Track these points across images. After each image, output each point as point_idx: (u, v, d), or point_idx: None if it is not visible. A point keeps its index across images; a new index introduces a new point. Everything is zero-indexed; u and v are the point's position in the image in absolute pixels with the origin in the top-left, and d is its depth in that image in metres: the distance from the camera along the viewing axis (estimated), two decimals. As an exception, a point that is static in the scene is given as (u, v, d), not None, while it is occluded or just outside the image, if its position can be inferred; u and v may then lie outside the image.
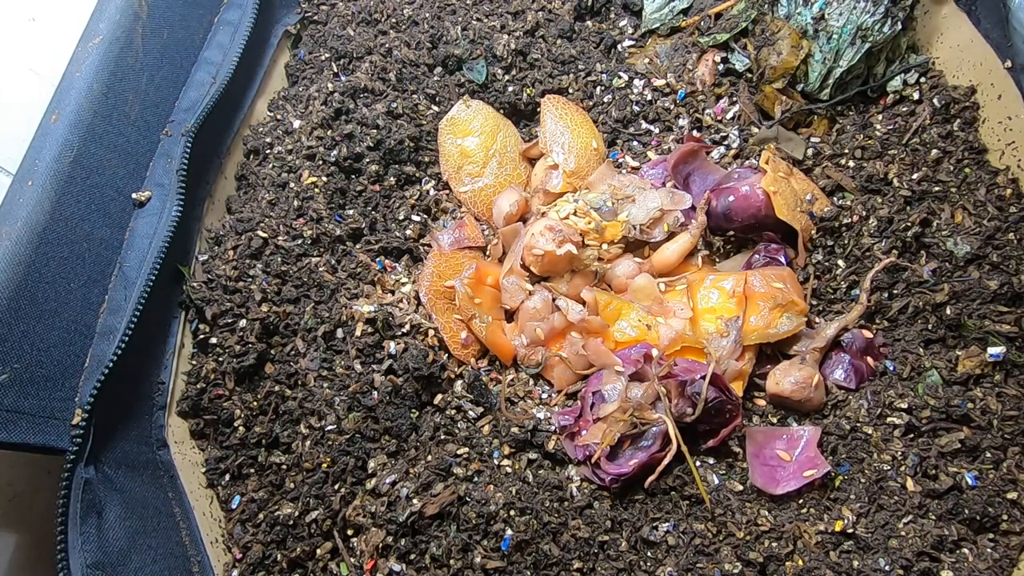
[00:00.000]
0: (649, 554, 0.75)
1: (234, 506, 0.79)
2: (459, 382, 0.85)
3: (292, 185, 0.91)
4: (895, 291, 0.84)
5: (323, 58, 1.01)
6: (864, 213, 0.87)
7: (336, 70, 1.00)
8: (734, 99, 0.97)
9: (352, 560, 0.74)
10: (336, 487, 0.77)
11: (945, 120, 0.91)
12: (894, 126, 0.92)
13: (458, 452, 0.79)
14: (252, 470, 0.80)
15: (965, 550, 0.72)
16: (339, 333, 0.84)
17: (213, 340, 0.82)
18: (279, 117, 0.98)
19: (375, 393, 0.80)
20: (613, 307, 0.86)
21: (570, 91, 1.00)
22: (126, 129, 0.82)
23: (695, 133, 0.97)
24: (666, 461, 0.76)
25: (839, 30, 0.91)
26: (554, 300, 0.87)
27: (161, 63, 0.88)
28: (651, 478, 0.76)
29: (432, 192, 0.97)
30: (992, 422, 0.76)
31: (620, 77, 1.00)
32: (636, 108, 0.99)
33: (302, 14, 1.06)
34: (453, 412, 0.83)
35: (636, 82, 1.00)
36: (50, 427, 0.67)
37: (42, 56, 0.84)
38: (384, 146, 0.94)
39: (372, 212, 0.93)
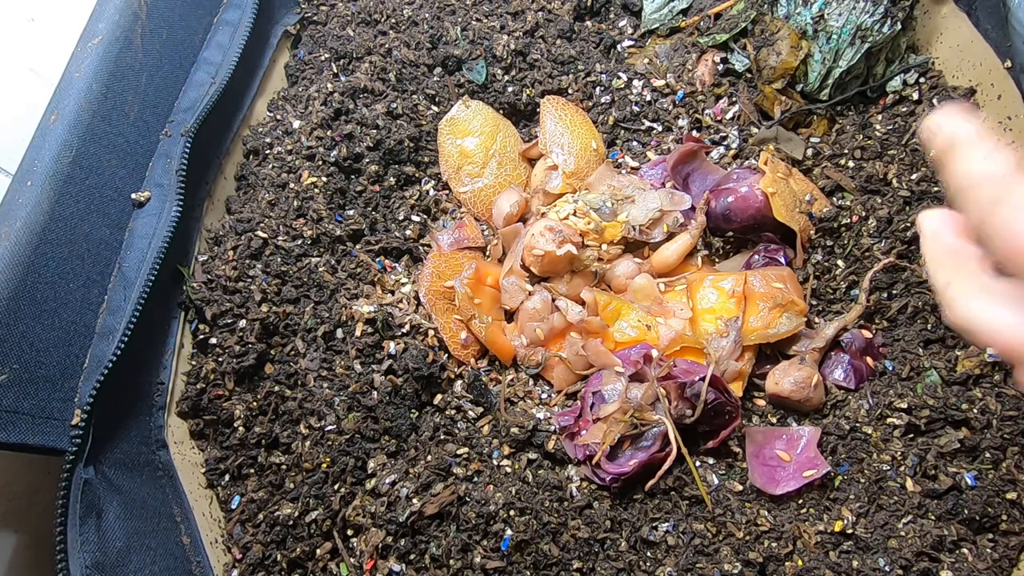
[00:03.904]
0: (649, 554, 0.75)
1: (234, 506, 0.79)
2: (459, 382, 0.85)
3: (292, 185, 0.91)
4: (894, 291, 0.84)
5: (323, 58, 1.01)
6: (863, 213, 0.87)
7: (336, 70, 1.00)
8: (734, 99, 0.97)
9: (352, 560, 0.74)
10: (336, 487, 0.77)
11: (944, 120, 0.91)
12: (894, 126, 0.92)
13: (458, 452, 0.79)
14: (252, 470, 0.80)
15: (965, 550, 0.72)
16: (339, 333, 0.84)
17: (213, 340, 0.82)
18: (279, 117, 0.98)
19: (375, 393, 0.80)
20: (613, 307, 0.86)
21: (570, 91, 1.00)
22: (125, 129, 0.82)
23: (694, 133, 0.97)
24: (666, 466, 0.76)
25: (838, 30, 0.91)
26: (554, 300, 0.87)
27: (161, 63, 0.88)
28: (651, 482, 0.76)
29: (432, 192, 0.97)
30: (991, 422, 0.76)
31: (619, 77, 1.00)
32: (635, 108, 0.99)
33: (302, 14, 1.06)
34: (453, 412, 0.83)
35: (635, 82, 1.00)
36: (49, 427, 0.67)
37: (42, 56, 0.84)
38: (384, 146, 0.94)
39: (372, 212, 0.93)
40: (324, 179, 0.91)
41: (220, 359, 0.81)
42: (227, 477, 0.80)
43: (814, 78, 0.94)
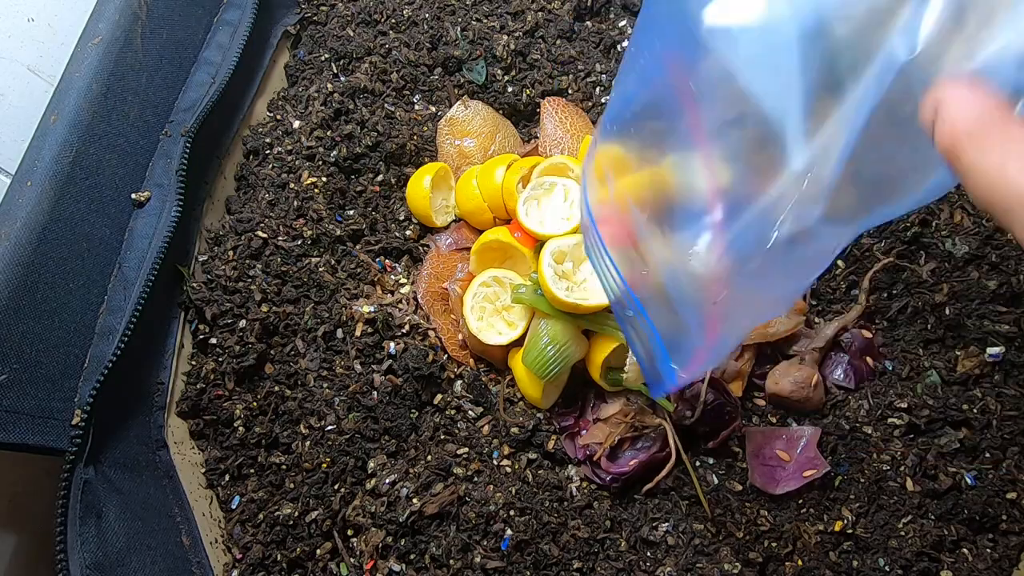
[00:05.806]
0: (649, 554, 0.75)
1: (234, 506, 0.79)
2: (459, 382, 0.85)
3: (292, 185, 0.91)
4: (894, 291, 0.84)
5: (323, 58, 1.01)
6: (863, 213, 0.87)
7: (336, 70, 1.00)
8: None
9: (352, 560, 0.74)
10: (336, 487, 0.77)
11: (944, 120, 0.91)
12: (893, 126, 0.92)
13: (458, 452, 0.79)
14: (252, 470, 0.80)
15: (965, 550, 0.72)
16: (339, 333, 0.84)
17: (213, 340, 0.82)
18: (279, 117, 0.98)
19: (375, 393, 0.80)
20: (613, 307, 0.86)
21: (569, 92, 1.00)
22: (125, 129, 0.82)
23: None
24: (665, 472, 0.76)
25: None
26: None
27: (161, 63, 0.88)
28: (649, 486, 0.76)
29: (432, 192, 0.97)
30: (991, 422, 0.76)
31: (620, 77, 1.00)
32: (636, 108, 0.99)
33: (302, 14, 1.06)
34: (453, 412, 0.83)
35: (635, 82, 1.00)
36: (49, 427, 0.67)
37: (42, 56, 0.84)
38: (384, 147, 0.94)
39: (372, 212, 0.93)
40: (324, 179, 0.91)
41: (220, 359, 0.81)
42: (227, 477, 0.80)
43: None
